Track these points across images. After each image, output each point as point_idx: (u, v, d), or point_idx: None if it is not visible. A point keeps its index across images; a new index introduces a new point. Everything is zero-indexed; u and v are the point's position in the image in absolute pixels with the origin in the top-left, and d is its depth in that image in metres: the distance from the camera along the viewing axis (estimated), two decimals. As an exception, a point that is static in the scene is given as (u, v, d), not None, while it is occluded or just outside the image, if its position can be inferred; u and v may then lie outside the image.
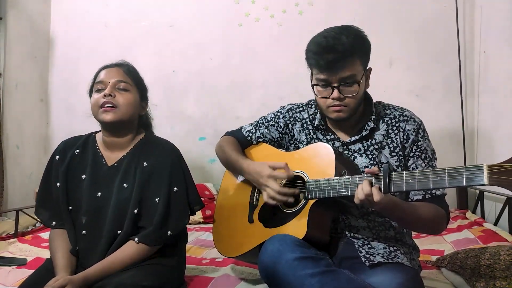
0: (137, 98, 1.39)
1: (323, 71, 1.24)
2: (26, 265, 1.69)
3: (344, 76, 1.23)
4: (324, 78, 1.25)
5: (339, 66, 1.21)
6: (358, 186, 1.11)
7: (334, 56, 1.20)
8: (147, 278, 1.23)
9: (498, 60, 2.48)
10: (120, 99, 1.34)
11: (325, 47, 1.21)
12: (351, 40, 1.21)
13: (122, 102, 1.33)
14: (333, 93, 1.24)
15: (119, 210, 1.31)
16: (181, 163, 1.41)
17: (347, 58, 1.21)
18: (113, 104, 1.32)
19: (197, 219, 2.59)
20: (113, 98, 1.33)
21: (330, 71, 1.22)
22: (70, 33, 3.28)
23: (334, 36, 1.22)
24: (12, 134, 2.87)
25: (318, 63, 1.23)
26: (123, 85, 1.35)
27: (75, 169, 1.38)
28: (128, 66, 1.42)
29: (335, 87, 1.24)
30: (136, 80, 1.41)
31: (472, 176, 0.94)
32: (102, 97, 1.32)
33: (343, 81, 1.23)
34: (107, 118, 1.32)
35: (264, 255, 1.14)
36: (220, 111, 3.12)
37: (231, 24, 3.11)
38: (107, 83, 1.34)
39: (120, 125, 1.36)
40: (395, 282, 1.08)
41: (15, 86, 2.91)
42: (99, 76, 1.37)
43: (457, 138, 2.82)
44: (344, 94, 1.24)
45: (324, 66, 1.22)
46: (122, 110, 1.33)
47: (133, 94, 1.37)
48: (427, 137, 1.32)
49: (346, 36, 1.22)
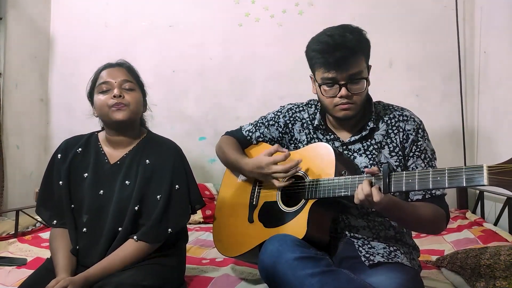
0: (141, 96, 1.41)
1: (331, 69, 1.23)
2: (26, 265, 1.69)
3: (353, 73, 1.23)
4: (331, 77, 1.24)
5: (348, 64, 1.22)
6: (358, 186, 1.11)
7: (343, 53, 1.20)
8: (147, 278, 1.23)
9: (498, 60, 2.48)
10: (128, 98, 1.35)
11: (333, 45, 1.21)
12: (356, 36, 1.23)
13: (131, 101, 1.35)
14: (341, 91, 1.24)
15: (120, 207, 1.31)
16: (183, 161, 1.42)
17: (355, 55, 1.22)
18: (123, 104, 1.33)
19: (197, 219, 2.59)
20: (122, 98, 1.34)
21: (339, 68, 1.22)
22: (70, 33, 3.28)
23: (339, 33, 1.23)
24: (12, 134, 2.87)
25: (326, 61, 1.23)
26: (129, 85, 1.37)
27: (77, 167, 1.39)
28: (129, 65, 1.44)
29: (342, 85, 1.24)
30: (137, 79, 1.43)
31: (472, 177, 0.94)
32: (111, 97, 1.33)
33: (351, 79, 1.23)
34: (120, 116, 1.33)
35: (264, 255, 1.14)
36: (220, 111, 3.12)
37: (231, 24, 3.11)
38: (113, 84, 1.34)
39: (130, 124, 1.38)
40: (395, 282, 1.08)
41: (15, 86, 2.91)
42: (101, 77, 1.37)
43: (457, 138, 2.82)
44: (352, 92, 1.25)
45: (333, 63, 1.22)
46: (132, 109, 1.35)
47: (138, 93, 1.40)
48: (427, 137, 1.32)
49: (350, 33, 1.23)
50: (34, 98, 3.16)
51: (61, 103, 3.27)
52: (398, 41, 2.91)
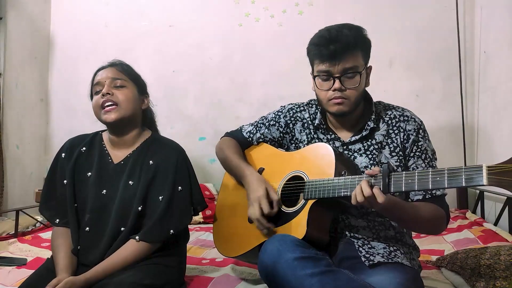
0: (135, 92, 1.40)
1: (326, 61, 1.25)
2: (26, 265, 1.69)
3: (347, 67, 1.24)
4: (325, 69, 1.26)
5: (342, 56, 1.23)
6: (356, 188, 1.11)
7: (337, 46, 1.22)
8: (147, 277, 1.23)
9: (498, 60, 2.48)
10: (119, 95, 1.35)
11: (328, 38, 1.24)
12: (353, 33, 1.25)
13: (121, 99, 1.35)
14: (335, 84, 1.25)
15: (123, 207, 1.32)
16: (187, 163, 1.42)
17: (350, 49, 1.23)
18: (113, 102, 1.33)
19: (197, 219, 2.59)
20: (112, 96, 1.34)
21: (332, 60, 1.24)
22: (70, 33, 3.28)
23: (337, 29, 1.26)
24: (12, 134, 2.88)
25: (321, 53, 1.25)
26: (119, 82, 1.37)
27: (81, 166, 1.39)
28: (122, 63, 1.44)
29: (336, 77, 1.25)
30: (131, 76, 1.42)
31: (471, 177, 0.94)
32: (101, 97, 1.34)
33: (345, 72, 1.24)
34: (110, 118, 1.33)
35: (264, 255, 1.14)
36: (220, 111, 3.12)
37: (231, 24, 3.11)
38: (103, 83, 1.35)
39: (124, 123, 1.37)
40: (395, 282, 1.08)
41: (15, 86, 2.92)
42: (95, 79, 1.39)
43: (457, 138, 2.82)
44: (345, 86, 1.25)
45: (326, 55, 1.24)
46: (123, 107, 1.35)
47: (130, 89, 1.39)
48: (428, 137, 1.32)
49: (348, 29, 1.25)
50: (34, 98, 3.17)
51: (61, 103, 3.27)
52: (398, 41, 2.91)
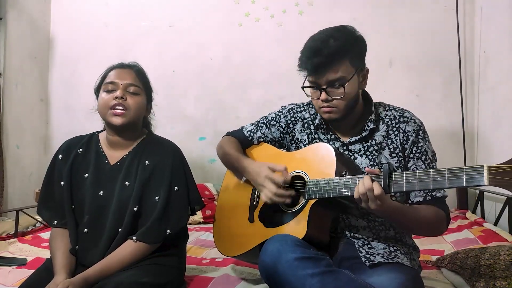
0: (145, 101, 1.41)
1: (311, 74, 1.28)
2: (26, 265, 1.69)
3: (331, 79, 1.25)
4: (313, 81, 1.29)
5: (326, 70, 1.24)
6: (358, 182, 1.11)
7: (320, 60, 1.23)
8: (147, 277, 1.23)
9: (498, 60, 2.48)
10: (130, 102, 1.35)
11: (313, 51, 1.25)
12: (338, 43, 1.23)
13: (132, 106, 1.35)
14: (322, 95, 1.27)
15: (120, 208, 1.32)
16: (183, 163, 1.42)
17: (333, 62, 1.23)
18: (124, 107, 1.33)
19: (197, 219, 2.59)
20: (124, 101, 1.34)
21: (317, 73, 1.26)
22: (70, 33, 3.28)
23: (323, 39, 1.25)
24: (12, 134, 2.87)
25: (306, 66, 1.27)
26: (134, 89, 1.37)
27: (78, 168, 1.39)
28: (139, 68, 1.44)
29: (322, 89, 1.27)
30: (145, 84, 1.42)
31: (472, 177, 0.94)
32: (113, 98, 1.33)
33: (330, 84, 1.25)
34: (118, 122, 1.33)
35: (265, 255, 1.14)
36: (220, 111, 3.12)
37: (231, 24, 3.11)
38: (118, 85, 1.35)
39: (128, 127, 1.38)
40: (395, 282, 1.08)
41: (15, 86, 2.92)
42: (109, 76, 1.38)
43: (457, 138, 2.82)
44: (332, 96, 1.26)
45: (310, 69, 1.26)
46: (132, 114, 1.35)
47: (142, 97, 1.40)
48: (427, 138, 1.32)
49: (334, 39, 1.24)
50: (34, 98, 3.17)
51: (61, 103, 3.27)
52: (398, 41, 2.91)
